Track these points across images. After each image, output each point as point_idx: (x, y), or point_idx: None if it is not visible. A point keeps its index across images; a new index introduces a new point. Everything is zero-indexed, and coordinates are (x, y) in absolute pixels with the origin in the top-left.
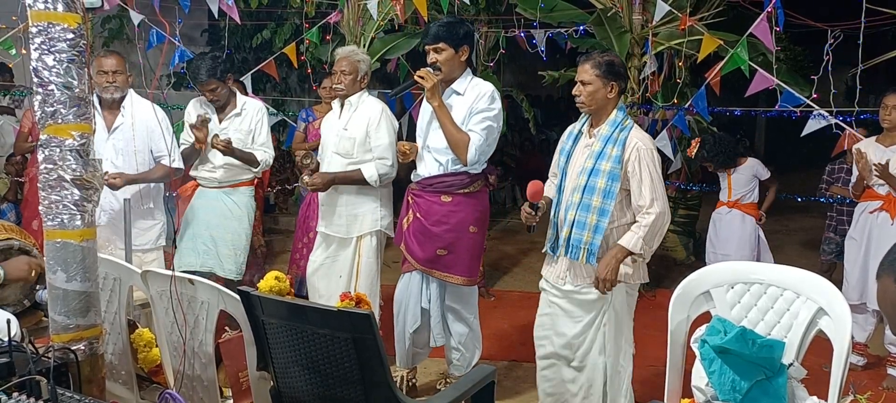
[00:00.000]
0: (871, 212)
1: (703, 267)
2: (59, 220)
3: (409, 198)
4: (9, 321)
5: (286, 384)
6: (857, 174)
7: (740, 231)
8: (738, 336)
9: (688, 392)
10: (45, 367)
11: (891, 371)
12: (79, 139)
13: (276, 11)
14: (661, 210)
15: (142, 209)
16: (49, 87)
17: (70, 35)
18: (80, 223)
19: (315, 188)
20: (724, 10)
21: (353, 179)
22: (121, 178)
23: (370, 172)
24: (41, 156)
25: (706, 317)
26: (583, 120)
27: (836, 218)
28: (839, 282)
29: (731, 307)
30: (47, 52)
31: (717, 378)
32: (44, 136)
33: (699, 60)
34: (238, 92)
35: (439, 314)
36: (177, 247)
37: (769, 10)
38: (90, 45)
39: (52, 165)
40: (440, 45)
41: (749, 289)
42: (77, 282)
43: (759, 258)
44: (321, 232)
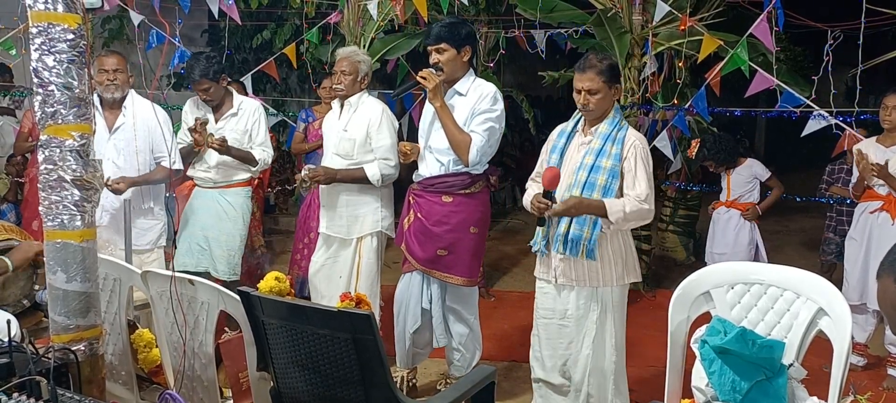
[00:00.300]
0: (872, 213)
1: (703, 267)
2: (59, 221)
3: (411, 199)
4: (9, 321)
5: (286, 384)
6: (857, 175)
7: (736, 230)
8: (738, 336)
9: (688, 392)
10: (45, 368)
11: (891, 371)
12: (79, 139)
13: (276, 12)
14: (650, 207)
15: (142, 209)
16: (49, 88)
17: (70, 35)
18: (80, 223)
19: (317, 178)
20: (724, 10)
21: (355, 177)
22: (124, 183)
23: (373, 171)
24: (41, 157)
25: (706, 318)
26: (575, 119)
27: (836, 218)
28: (839, 283)
29: (731, 307)
30: (47, 52)
31: (717, 379)
32: (44, 137)
33: (699, 61)
34: (236, 92)
35: (440, 314)
36: (176, 249)
37: (769, 10)
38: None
39: (52, 166)
40: (442, 45)
41: (749, 290)
42: (77, 283)
43: (755, 258)
44: (322, 232)
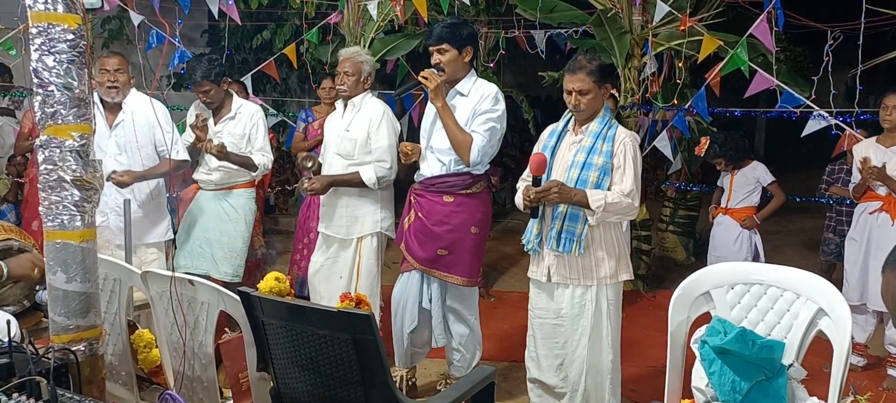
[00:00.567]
0: (871, 213)
1: (703, 267)
2: (59, 221)
3: (412, 198)
4: (9, 321)
5: (286, 384)
6: (856, 175)
7: (736, 238)
8: (738, 336)
9: (688, 392)
10: (45, 368)
11: (891, 371)
12: (79, 140)
13: (276, 12)
14: (634, 203)
15: (151, 204)
16: (49, 88)
17: (70, 36)
18: (80, 224)
19: (315, 192)
20: (724, 10)
21: (351, 182)
22: (128, 176)
23: (368, 175)
24: (41, 157)
25: (706, 318)
26: (565, 118)
27: (836, 218)
28: (839, 283)
29: (731, 307)
30: (47, 52)
31: (717, 379)
32: (44, 137)
33: (699, 61)
34: (235, 95)
35: (440, 314)
36: (177, 248)
37: (769, 10)
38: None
39: (52, 166)
40: (444, 45)
41: (749, 290)
42: (77, 283)
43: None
44: (322, 233)
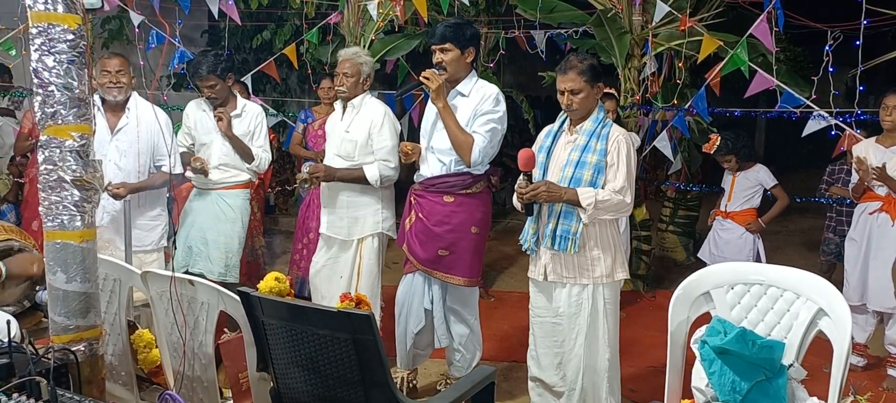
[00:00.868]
0: (871, 213)
1: (703, 267)
2: (59, 221)
3: (412, 199)
4: (9, 322)
5: (286, 385)
6: (856, 175)
7: (737, 243)
8: (738, 336)
9: (688, 392)
10: (45, 368)
11: (891, 371)
12: (79, 140)
13: (276, 12)
14: (627, 200)
15: (144, 210)
16: (49, 88)
17: (70, 36)
18: (79, 224)
19: (317, 176)
20: (724, 10)
21: (355, 177)
22: (124, 189)
23: (372, 172)
24: (41, 157)
25: (706, 318)
26: (560, 119)
27: (835, 218)
28: (839, 283)
29: (731, 308)
30: (47, 52)
31: (717, 379)
32: (44, 137)
33: (699, 61)
34: (239, 94)
35: (442, 315)
36: (176, 249)
37: (769, 10)
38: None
39: (51, 166)
40: (447, 45)
41: (749, 290)
42: (77, 283)
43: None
44: (323, 233)
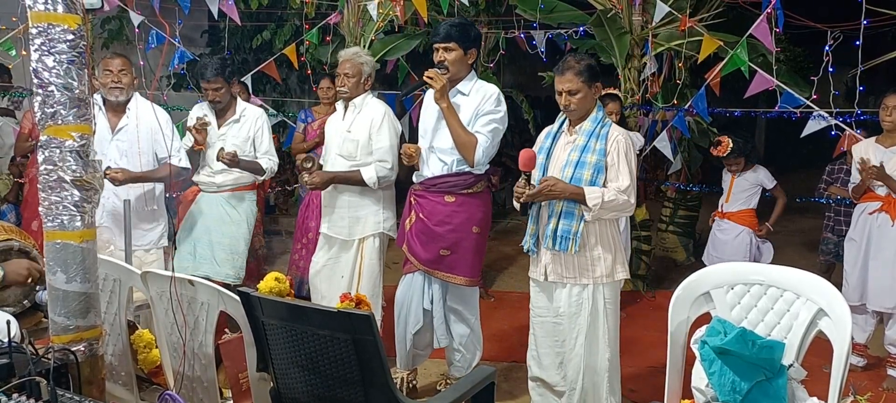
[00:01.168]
0: (871, 214)
1: (703, 268)
2: (59, 221)
3: (412, 199)
4: (9, 322)
5: (286, 385)
6: (855, 176)
7: (734, 244)
8: (738, 337)
9: (688, 392)
10: (45, 368)
11: (891, 371)
12: (79, 140)
13: (276, 12)
14: (631, 200)
15: (145, 210)
16: (49, 88)
17: (70, 36)
18: (79, 224)
19: (314, 186)
20: (724, 11)
21: (352, 180)
22: (122, 174)
23: (369, 174)
24: (41, 158)
25: (706, 318)
26: (560, 120)
27: (834, 218)
28: (838, 283)
29: (731, 308)
30: (47, 53)
31: (717, 379)
32: (44, 137)
33: (699, 61)
34: (239, 97)
35: (442, 315)
36: (176, 249)
37: (769, 10)
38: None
39: (51, 166)
40: (451, 44)
41: (749, 290)
42: (77, 283)
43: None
44: (323, 233)
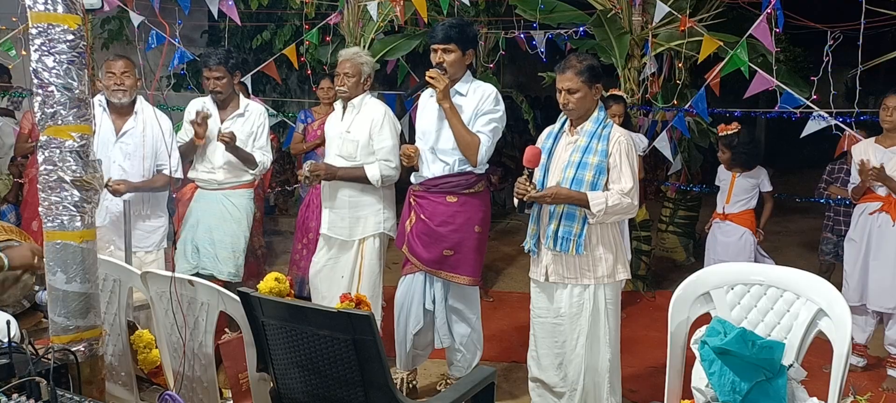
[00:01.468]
0: (871, 214)
1: (703, 268)
2: (59, 222)
3: (412, 200)
4: (8, 322)
5: (286, 385)
6: (855, 177)
7: (737, 245)
8: (738, 337)
9: (688, 393)
10: (45, 368)
11: (891, 372)
12: (79, 140)
13: (276, 13)
14: (635, 202)
15: (145, 212)
16: (49, 89)
17: (70, 36)
18: (79, 224)
19: (317, 178)
20: (724, 11)
21: (356, 176)
22: (124, 185)
23: (373, 172)
24: (41, 158)
25: (706, 318)
26: (561, 120)
27: (834, 218)
28: (838, 283)
29: (731, 308)
30: (47, 53)
31: (716, 380)
32: (44, 138)
33: (699, 61)
34: (241, 94)
35: (444, 315)
36: (176, 249)
37: (769, 11)
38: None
39: (51, 167)
40: (450, 45)
41: (749, 290)
42: (77, 284)
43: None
44: (324, 233)
